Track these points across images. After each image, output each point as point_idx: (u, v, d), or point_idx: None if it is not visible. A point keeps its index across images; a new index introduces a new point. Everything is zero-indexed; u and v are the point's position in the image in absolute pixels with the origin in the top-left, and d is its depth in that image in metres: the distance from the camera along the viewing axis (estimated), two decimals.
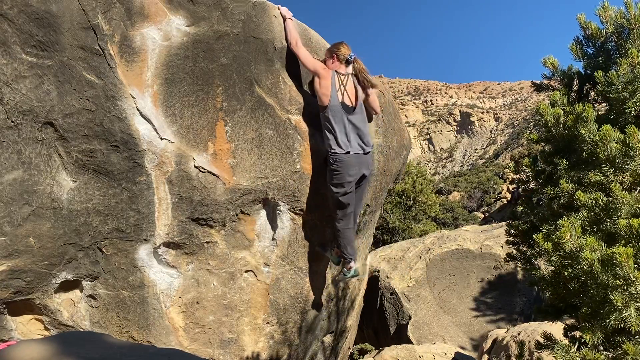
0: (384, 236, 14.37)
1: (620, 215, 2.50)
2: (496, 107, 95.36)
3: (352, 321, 5.53)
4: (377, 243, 13.35)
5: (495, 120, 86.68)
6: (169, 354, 2.42)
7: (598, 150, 2.60)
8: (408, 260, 8.64)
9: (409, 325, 7.74)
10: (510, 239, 3.74)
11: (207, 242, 3.92)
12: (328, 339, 5.02)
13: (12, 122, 3.14)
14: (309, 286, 4.49)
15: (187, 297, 3.89)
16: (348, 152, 3.99)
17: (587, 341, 2.57)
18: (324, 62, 4.14)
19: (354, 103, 4.08)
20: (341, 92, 4.02)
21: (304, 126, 4.21)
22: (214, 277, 3.99)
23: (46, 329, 3.60)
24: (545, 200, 3.22)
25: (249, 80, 3.90)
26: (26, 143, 3.21)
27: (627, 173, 2.58)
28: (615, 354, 2.60)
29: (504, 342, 5.73)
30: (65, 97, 3.24)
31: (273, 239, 4.25)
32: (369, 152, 4.14)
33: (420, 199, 14.66)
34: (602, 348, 2.72)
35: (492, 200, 28.15)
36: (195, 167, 3.71)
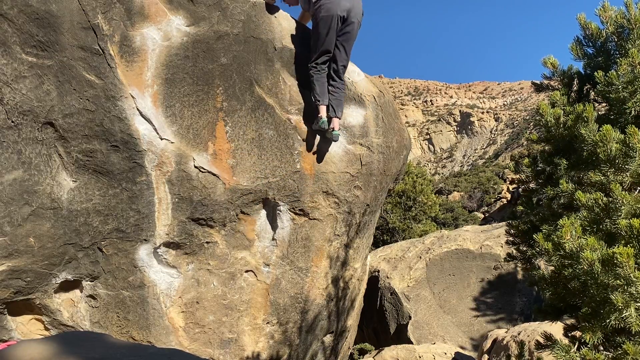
0: (384, 236, 14.35)
1: (620, 215, 2.50)
2: (496, 107, 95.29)
3: (352, 321, 5.52)
4: (377, 243, 13.34)
5: (495, 120, 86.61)
6: (169, 354, 2.42)
7: (598, 150, 2.60)
8: (408, 260, 8.63)
9: (409, 325, 7.73)
10: (510, 239, 3.74)
11: (207, 242, 3.92)
12: (328, 338, 5.02)
13: (12, 122, 3.14)
14: (309, 286, 4.49)
15: (187, 297, 3.89)
16: None
17: (587, 341, 2.57)
18: None
19: None
20: None
21: (304, 126, 4.21)
22: (214, 277, 3.99)
23: (46, 329, 3.60)
24: (545, 200, 3.21)
25: (249, 80, 3.90)
26: (26, 143, 3.21)
27: (627, 173, 2.58)
28: (615, 354, 2.60)
29: (504, 342, 5.73)
30: (65, 97, 3.24)
31: (273, 239, 4.25)
32: None
33: (420, 199, 14.64)
34: (602, 348, 2.72)
35: (492, 200, 28.11)
36: (195, 167, 3.71)
